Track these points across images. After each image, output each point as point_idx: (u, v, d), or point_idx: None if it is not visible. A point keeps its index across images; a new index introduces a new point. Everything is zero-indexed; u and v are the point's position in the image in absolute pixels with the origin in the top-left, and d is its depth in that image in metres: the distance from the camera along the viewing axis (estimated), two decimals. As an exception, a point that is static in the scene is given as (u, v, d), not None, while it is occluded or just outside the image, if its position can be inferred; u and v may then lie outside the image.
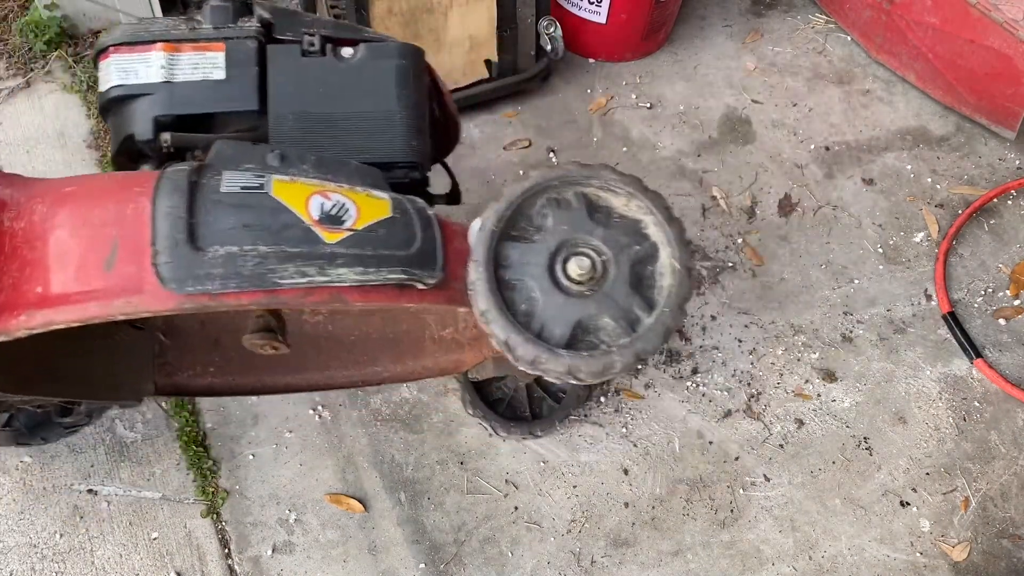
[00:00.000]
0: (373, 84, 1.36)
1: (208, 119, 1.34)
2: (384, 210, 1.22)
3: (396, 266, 1.18)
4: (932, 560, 1.88)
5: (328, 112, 1.35)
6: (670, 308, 1.24)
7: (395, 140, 1.37)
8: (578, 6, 2.69)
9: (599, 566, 1.83)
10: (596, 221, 1.27)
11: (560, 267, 1.25)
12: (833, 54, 2.93)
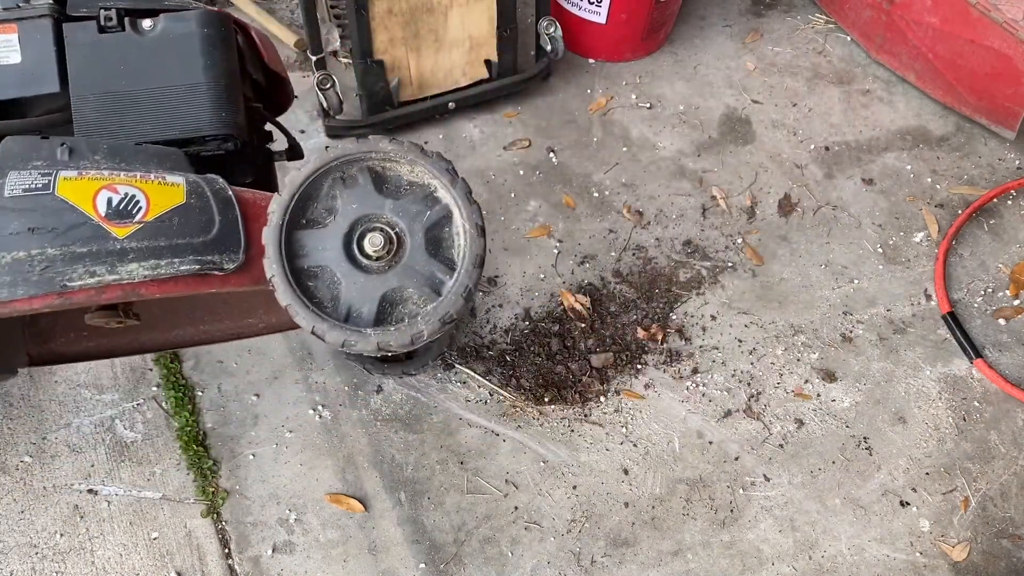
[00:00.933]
0: (176, 56, 1.30)
1: (12, 105, 1.30)
2: (178, 197, 1.19)
3: (192, 255, 1.18)
4: (932, 560, 1.88)
5: (131, 89, 1.30)
6: (465, 268, 1.24)
7: (203, 113, 1.32)
8: (578, 6, 2.69)
9: (599, 566, 1.83)
10: (385, 194, 1.26)
11: (356, 246, 1.24)
12: (833, 54, 2.93)
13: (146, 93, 1.30)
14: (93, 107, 1.28)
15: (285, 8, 2.89)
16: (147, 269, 1.15)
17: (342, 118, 2.44)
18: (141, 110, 1.31)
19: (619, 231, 2.39)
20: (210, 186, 1.23)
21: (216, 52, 1.32)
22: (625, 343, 2.14)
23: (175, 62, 1.31)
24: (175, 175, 1.23)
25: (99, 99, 1.28)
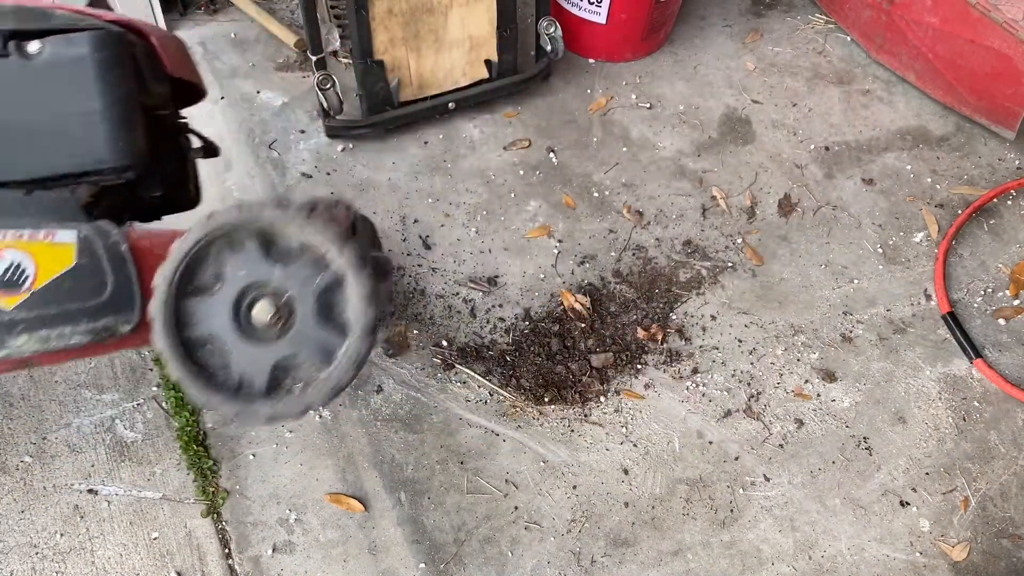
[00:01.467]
0: (67, 82, 1.17)
1: None
2: (67, 258, 1.14)
3: (84, 320, 1.13)
4: (932, 560, 1.88)
5: (19, 120, 1.18)
6: (357, 335, 1.18)
7: (99, 144, 1.21)
8: (578, 6, 2.69)
9: (599, 566, 1.84)
10: (274, 258, 1.18)
11: (245, 315, 1.18)
12: (833, 54, 2.93)
13: (35, 123, 1.18)
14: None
15: (285, 8, 2.89)
16: (37, 343, 1.11)
17: (342, 118, 2.44)
18: (30, 142, 1.19)
19: (619, 231, 2.39)
20: (103, 240, 1.17)
21: (111, 77, 1.19)
22: (625, 343, 2.14)
23: (66, 89, 1.17)
24: (66, 231, 1.16)
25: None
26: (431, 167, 2.49)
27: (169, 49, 1.34)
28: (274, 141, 2.50)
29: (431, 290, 2.22)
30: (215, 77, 2.65)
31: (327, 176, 2.44)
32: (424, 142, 2.55)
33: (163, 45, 1.31)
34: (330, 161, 2.47)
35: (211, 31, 2.79)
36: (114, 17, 1.23)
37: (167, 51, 1.31)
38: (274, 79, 2.67)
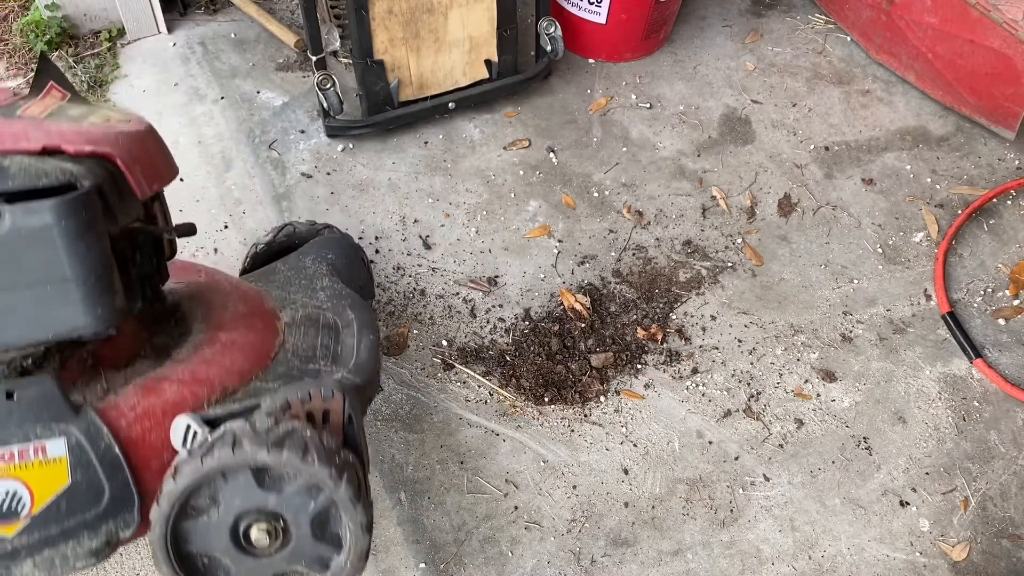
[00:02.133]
0: (34, 253, 1.07)
1: None
2: (62, 476, 1.12)
3: (86, 534, 1.14)
4: (932, 560, 1.88)
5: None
6: (351, 560, 1.21)
7: (75, 312, 1.12)
8: (578, 6, 2.69)
9: (599, 566, 1.84)
10: (267, 487, 1.19)
11: (243, 536, 1.20)
12: (833, 54, 2.93)
13: (5, 295, 1.08)
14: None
15: (285, 8, 2.89)
16: (43, 569, 1.11)
17: (342, 118, 2.44)
18: (2, 314, 1.10)
19: (619, 231, 2.39)
20: (94, 447, 1.14)
21: (81, 245, 1.08)
22: (625, 343, 2.15)
23: (34, 260, 1.07)
24: (55, 440, 1.13)
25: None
26: (431, 167, 2.49)
27: (142, 164, 1.21)
28: (274, 141, 2.51)
29: (431, 290, 2.22)
30: (215, 77, 2.65)
31: (327, 176, 2.44)
32: (424, 142, 2.55)
33: (134, 160, 1.19)
34: (330, 161, 2.47)
35: (211, 31, 2.79)
36: (79, 147, 1.11)
37: (139, 168, 1.20)
38: (274, 79, 2.67)
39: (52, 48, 2.62)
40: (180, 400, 1.29)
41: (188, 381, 1.32)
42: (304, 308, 1.66)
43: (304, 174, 2.43)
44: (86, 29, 2.70)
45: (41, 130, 1.08)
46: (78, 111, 1.19)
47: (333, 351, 1.56)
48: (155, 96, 2.58)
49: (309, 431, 1.22)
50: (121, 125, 1.19)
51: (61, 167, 1.06)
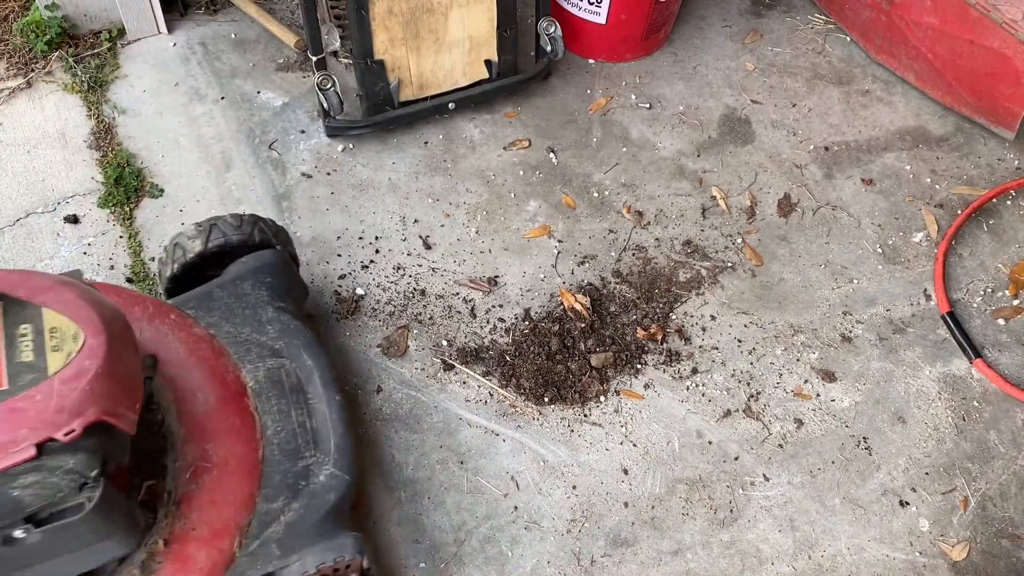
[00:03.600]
0: (71, 543, 1.22)
1: None
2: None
3: None
4: (931, 560, 1.88)
5: (36, 571, 1.23)
6: None
7: (114, 551, 1.31)
8: (578, 6, 2.69)
9: (599, 566, 1.84)
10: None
11: None
12: (832, 54, 2.93)
13: (43, 570, 1.23)
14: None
15: (285, 8, 2.89)
16: None
17: (342, 118, 2.44)
18: (47, 571, 1.25)
19: (619, 231, 2.39)
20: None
21: (107, 524, 1.23)
22: (625, 343, 2.15)
23: (72, 546, 1.22)
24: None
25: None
26: (431, 167, 2.49)
27: (121, 397, 1.24)
28: (274, 141, 2.51)
29: (431, 290, 2.22)
30: (215, 77, 2.65)
31: (327, 176, 2.44)
32: (424, 142, 2.55)
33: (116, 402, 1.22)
34: (330, 161, 2.48)
35: (211, 31, 2.79)
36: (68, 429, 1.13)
37: (123, 403, 1.24)
38: (274, 79, 2.67)
39: (52, 48, 2.62)
40: (213, 567, 1.40)
41: (210, 537, 1.42)
42: (259, 357, 1.66)
43: (304, 174, 2.44)
44: (86, 29, 2.70)
45: (21, 426, 1.09)
46: (28, 346, 1.17)
47: (311, 429, 1.60)
48: (155, 96, 2.58)
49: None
50: (86, 359, 1.18)
51: (69, 479, 1.12)
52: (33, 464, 1.10)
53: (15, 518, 1.13)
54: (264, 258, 1.84)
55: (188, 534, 1.40)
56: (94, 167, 2.39)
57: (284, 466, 1.55)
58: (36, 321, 1.22)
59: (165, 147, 2.46)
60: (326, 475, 1.56)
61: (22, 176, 2.35)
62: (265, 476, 1.53)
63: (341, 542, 1.47)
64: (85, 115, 2.51)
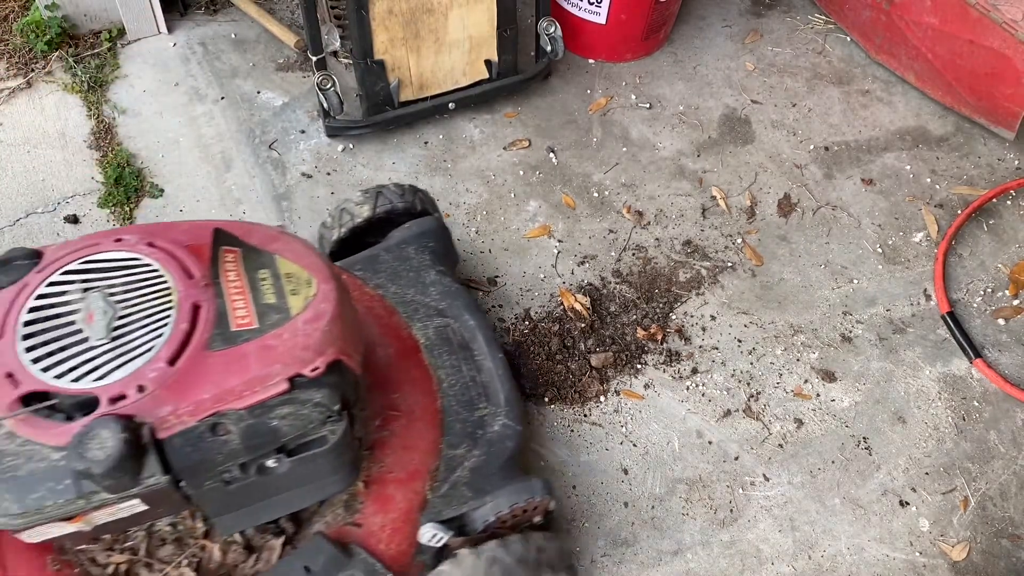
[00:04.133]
0: (312, 474, 1.32)
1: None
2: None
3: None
4: (931, 560, 1.88)
5: (265, 503, 1.34)
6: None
7: (337, 486, 1.42)
8: (578, 6, 2.69)
9: (599, 566, 1.84)
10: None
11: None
12: (832, 54, 2.93)
13: (280, 500, 1.35)
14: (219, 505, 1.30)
15: (285, 8, 2.89)
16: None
17: (342, 118, 2.44)
18: (275, 507, 1.37)
19: (619, 231, 2.39)
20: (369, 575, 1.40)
21: (340, 457, 1.34)
22: (625, 343, 2.15)
23: (309, 478, 1.34)
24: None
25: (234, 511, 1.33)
26: (431, 167, 2.49)
27: (352, 341, 1.35)
28: (274, 141, 2.51)
29: (431, 290, 2.22)
30: (215, 77, 2.65)
31: (327, 176, 2.44)
32: (424, 142, 2.55)
33: (349, 344, 1.33)
34: (330, 161, 2.48)
35: (211, 31, 2.79)
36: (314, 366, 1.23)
37: (352, 347, 1.34)
38: (274, 79, 2.67)
39: (52, 48, 2.62)
40: (409, 507, 1.50)
41: (406, 479, 1.53)
42: (427, 316, 1.77)
43: (304, 174, 2.43)
44: (86, 29, 2.70)
45: (275, 361, 1.18)
46: (270, 289, 1.28)
47: (480, 383, 1.71)
48: (155, 96, 2.58)
49: (539, 544, 1.49)
50: (322, 303, 1.28)
51: (318, 412, 1.22)
52: (287, 397, 1.19)
53: (271, 447, 1.21)
54: (426, 224, 1.93)
55: (385, 476, 1.51)
56: (94, 167, 2.39)
57: (462, 416, 1.65)
58: (272, 267, 1.32)
59: (165, 147, 2.46)
60: (500, 425, 1.65)
61: (22, 176, 2.35)
62: (446, 425, 1.63)
63: (531, 484, 1.54)
64: (85, 115, 2.51)
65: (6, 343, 1.16)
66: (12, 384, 1.12)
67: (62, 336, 1.17)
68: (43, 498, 1.10)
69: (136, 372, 1.14)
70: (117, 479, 1.09)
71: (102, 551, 1.38)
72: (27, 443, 1.11)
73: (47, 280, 1.23)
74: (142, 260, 1.27)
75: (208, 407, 1.16)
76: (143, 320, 1.20)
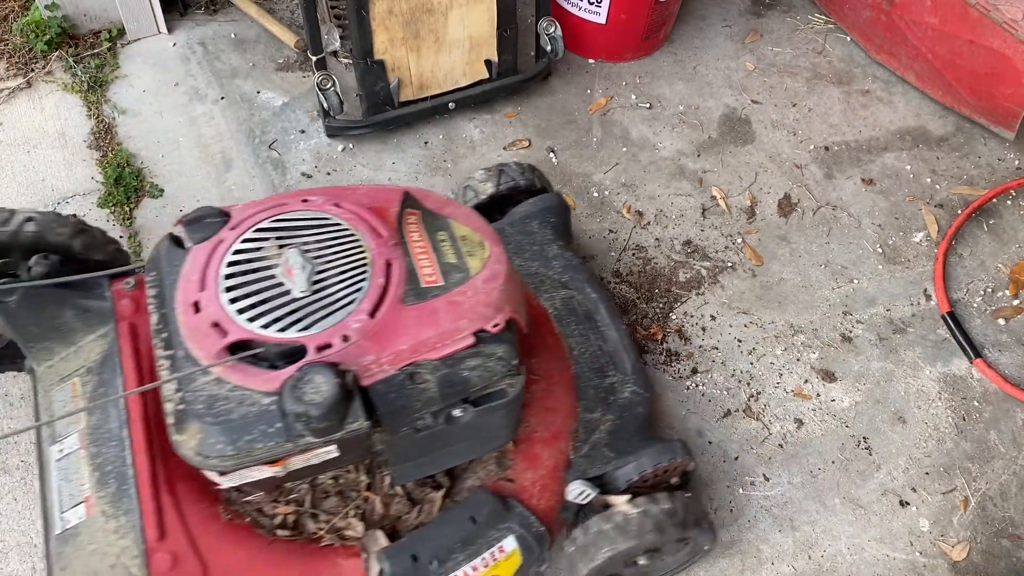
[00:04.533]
0: (487, 426, 1.39)
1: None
2: (516, 561, 1.49)
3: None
4: (931, 560, 1.88)
5: (442, 453, 1.42)
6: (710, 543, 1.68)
7: (502, 440, 1.51)
8: (578, 6, 2.69)
9: (599, 566, 1.84)
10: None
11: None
12: (833, 54, 2.93)
13: (455, 451, 1.42)
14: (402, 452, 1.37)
15: (285, 8, 2.89)
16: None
17: (342, 118, 2.44)
18: (449, 457, 1.46)
19: (619, 231, 2.39)
20: (529, 531, 1.49)
21: (512, 413, 1.42)
22: (625, 343, 2.15)
23: (483, 430, 1.41)
24: (508, 538, 1.47)
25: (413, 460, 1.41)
26: (431, 167, 2.49)
27: (521, 303, 1.42)
28: (274, 141, 2.51)
29: (431, 290, 2.22)
30: (215, 77, 2.65)
31: (327, 176, 2.44)
32: (424, 142, 2.55)
33: (519, 307, 1.40)
34: (330, 161, 2.48)
35: (211, 31, 2.79)
36: (496, 323, 1.30)
37: (521, 309, 1.41)
38: (274, 79, 2.67)
39: (52, 48, 2.62)
40: (556, 465, 1.58)
41: (550, 439, 1.61)
42: (552, 288, 1.87)
43: (304, 174, 2.43)
44: (86, 29, 2.70)
45: (462, 317, 1.26)
46: (449, 249, 1.36)
47: (607, 352, 1.79)
48: (155, 96, 2.58)
49: (681, 501, 1.55)
50: (495, 264, 1.36)
51: (501, 366, 1.29)
52: (474, 350, 1.27)
53: (460, 397, 1.29)
54: (549, 200, 2.01)
55: (531, 436, 1.59)
56: (94, 167, 2.39)
57: (594, 382, 1.73)
58: (448, 229, 1.40)
59: (165, 147, 2.46)
60: (630, 392, 1.74)
61: (22, 176, 2.35)
62: (580, 390, 1.72)
63: (673, 446, 1.62)
64: (85, 115, 2.51)
65: (210, 295, 1.22)
66: (220, 333, 1.18)
67: (263, 289, 1.23)
68: (254, 440, 1.15)
69: (340, 323, 1.20)
70: (329, 423, 1.15)
71: (269, 502, 1.45)
72: (237, 389, 1.17)
73: (242, 237, 1.29)
74: (332, 219, 1.33)
75: (406, 357, 1.23)
76: (340, 275, 1.26)
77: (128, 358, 1.49)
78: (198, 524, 1.37)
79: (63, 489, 1.44)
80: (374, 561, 1.41)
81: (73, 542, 1.39)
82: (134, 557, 1.33)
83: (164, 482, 1.38)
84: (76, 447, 1.47)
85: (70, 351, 1.56)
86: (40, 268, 1.51)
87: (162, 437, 1.41)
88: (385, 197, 1.41)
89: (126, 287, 1.59)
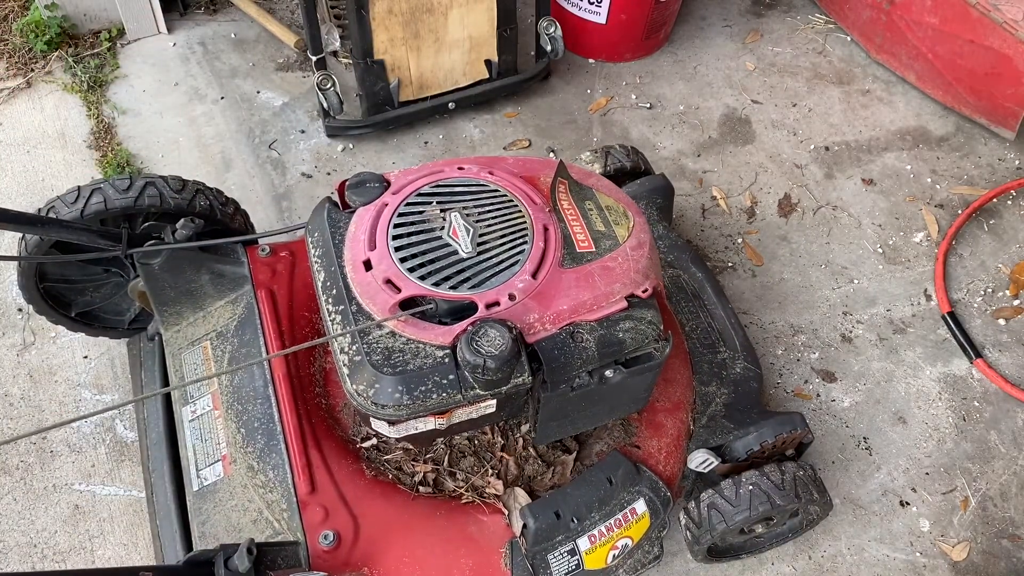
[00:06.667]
0: (630, 388, 1.43)
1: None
2: (646, 523, 1.55)
3: (649, 545, 1.59)
4: (932, 560, 1.88)
5: (585, 413, 1.45)
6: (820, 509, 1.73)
7: (638, 405, 1.55)
8: (578, 6, 2.69)
9: (599, 566, 1.83)
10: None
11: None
12: (833, 54, 2.93)
13: (604, 403, 1.44)
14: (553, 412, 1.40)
15: (285, 8, 2.89)
16: (630, 571, 1.59)
17: (342, 118, 2.44)
18: (592, 417, 1.48)
19: (619, 231, 2.39)
20: (657, 495, 1.55)
21: (659, 372, 1.44)
22: (625, 343, 2.14)
23: (627, 392, 1.44)
24: (638, 501, 1.54)
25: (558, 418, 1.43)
26: (431, 167, 2.49)
27: (659, 270, 1.47)
28: (274, 141, 2.51)
29: (431, 290, 2.22)
30: (215, 77, 2.65)
31: (327, 176, 2.44)
32: (424, 142, 2.55)
33: (660, 274, 1.46)
34: (330, 161, 2.47)
35: (211, 31, 2.79)
36: (645, 289, 1.36)
37: (661, 275, 1.46)
38: (274, 79, 2.67)
39: (52, 48, 2.62)
40: (678, 434, 1.65)
41: (672, 409, 1.67)
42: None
43: (304, 174, 2.43)
44: (86, 29, 2.70)
45: (615, 281, 1.32)
46: (597, 218, 1.42)
47: (716, 329, 1.87)
48: (155, 96, 2.58)
49: (804, 471, 1.63)
50: (640, 233, 1.42)
51: (652, 329, 1.34)
52: (627, 314, 1.32)
53: (615, 357, 1.33)
54: (657, 181, 2.06)
55: (655, 405, 1.66)
56: (94, 167, 2.39)
57: (707, 357, 1.81)
58: (594, 199, 1.46)
59: (165, 147, 2.46)
60: (741, 367, 1.82)
61: (22, 176, 2.35)
62: (695, 364, 1.78)
63: (792, 417, 1.68)
64: (85, 115, 2.51)
65: (381, 254, 1.28)
66: (393, 290, 1.25)
67: (431, 249, 1.29)
68: (429, 391, 1.21)
69: (506, 283, 1.27)
70: (502, 375, 1.20)
71: (408, 461, 1.53)
72: (411, 342, 1.23)
73: (405, 200, 1.35)
74: (489, 186, 1.39)
75: (566, 317, 1.28)
76: (502, 238, 1.32)
77: (270, 321, 1.55)
78: (345, 479, 1.43)
79: (198, 448, 1.52)
80: (517, 516, 1.47)
81: (212, 498, 1.46)
82: (283, 511, 1.38)
83: (312, 439, 1.44)
84: (210, 408, 1.54)
85: (198, 316, 1.63)
86: (185, 231, 1.54)
87: (306, 396, 1.51)
88: (535, 166, 1.48)
89: (262, 254, 1.65)
